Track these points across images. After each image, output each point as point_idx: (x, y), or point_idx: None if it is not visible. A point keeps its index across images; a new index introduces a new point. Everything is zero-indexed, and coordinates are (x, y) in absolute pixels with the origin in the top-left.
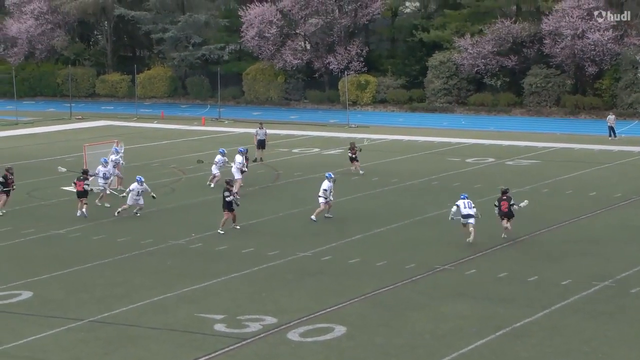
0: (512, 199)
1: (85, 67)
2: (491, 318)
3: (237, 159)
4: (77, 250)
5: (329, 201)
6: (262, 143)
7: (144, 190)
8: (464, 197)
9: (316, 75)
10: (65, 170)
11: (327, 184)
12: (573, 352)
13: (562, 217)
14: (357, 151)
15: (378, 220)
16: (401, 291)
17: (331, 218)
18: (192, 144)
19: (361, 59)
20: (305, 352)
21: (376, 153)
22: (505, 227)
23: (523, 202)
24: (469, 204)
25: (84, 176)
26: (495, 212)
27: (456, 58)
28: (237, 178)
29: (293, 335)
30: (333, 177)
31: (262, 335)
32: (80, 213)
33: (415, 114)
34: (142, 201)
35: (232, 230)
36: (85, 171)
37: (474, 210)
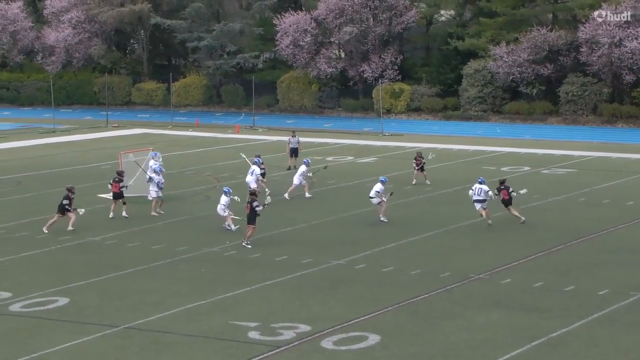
0: (510, 187)
1: (121, 75)
2: (526, 328)
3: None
4: (113, 257)
5: (382, 201)
6: (294, 151)
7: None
8: (481, 180)
9: (350, 83)
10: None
11: (379, 187)
12: None
13: (599, 227)
14: (423, 162)
15: (412, 228)
16: (435, 300)
17: (386, 222)
18: (227, 152)
19: (395, 67)
20: None
21: (409, 161)
22: (515, 214)
23: (522, 189)
24: (480, 190)
25: (119, 178)
26: (494, 198)
27: (491, 66)
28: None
29: (327, 343)
30: (386, 181)
31: (295, 343)
32: (113, 215)
33: (449, 122)
34: (226, 212)
35: (264, 238)
36: (121, 172)
37: (483, 195)
